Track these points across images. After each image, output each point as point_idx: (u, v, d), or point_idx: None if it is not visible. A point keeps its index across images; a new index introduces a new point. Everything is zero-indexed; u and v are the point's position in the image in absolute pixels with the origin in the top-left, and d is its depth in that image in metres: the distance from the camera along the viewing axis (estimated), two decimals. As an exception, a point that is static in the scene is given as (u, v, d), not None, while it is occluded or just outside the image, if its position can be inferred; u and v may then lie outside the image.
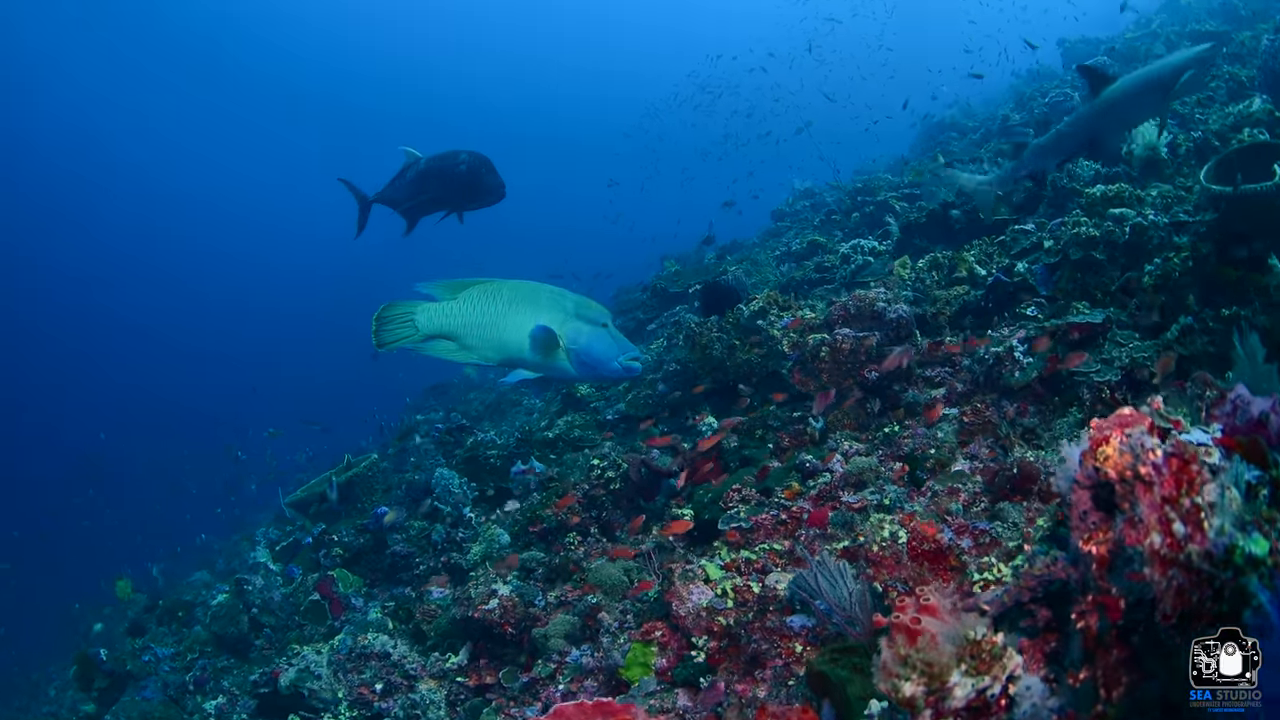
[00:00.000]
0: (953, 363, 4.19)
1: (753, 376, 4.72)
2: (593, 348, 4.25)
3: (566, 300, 4.35)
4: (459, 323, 4.27)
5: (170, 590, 11.50)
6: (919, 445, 3.65)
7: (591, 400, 6.28)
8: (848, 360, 4.07)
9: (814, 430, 4.03)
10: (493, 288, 4.30)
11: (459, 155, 5.15)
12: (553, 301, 4.31)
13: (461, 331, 4.28)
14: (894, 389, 4.06)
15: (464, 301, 4.28)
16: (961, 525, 2.99)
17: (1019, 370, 3.78)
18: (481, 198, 5.28)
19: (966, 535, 2.93)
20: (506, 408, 8.73)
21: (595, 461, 4.54)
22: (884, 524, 2.99)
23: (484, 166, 5.16)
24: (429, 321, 4.28)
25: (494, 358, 4.34)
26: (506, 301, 4.26)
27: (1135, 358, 3.57)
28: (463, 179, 5.14)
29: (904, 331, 4.12)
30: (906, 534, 2.91)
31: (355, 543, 5.86)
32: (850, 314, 4.21)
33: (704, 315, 5.45)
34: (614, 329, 4.38)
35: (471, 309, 4.27)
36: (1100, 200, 4.83)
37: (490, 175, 5.17)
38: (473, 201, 5.32)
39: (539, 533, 4.57)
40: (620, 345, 4.32)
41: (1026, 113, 9.16)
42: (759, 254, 8.36)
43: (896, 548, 2.86)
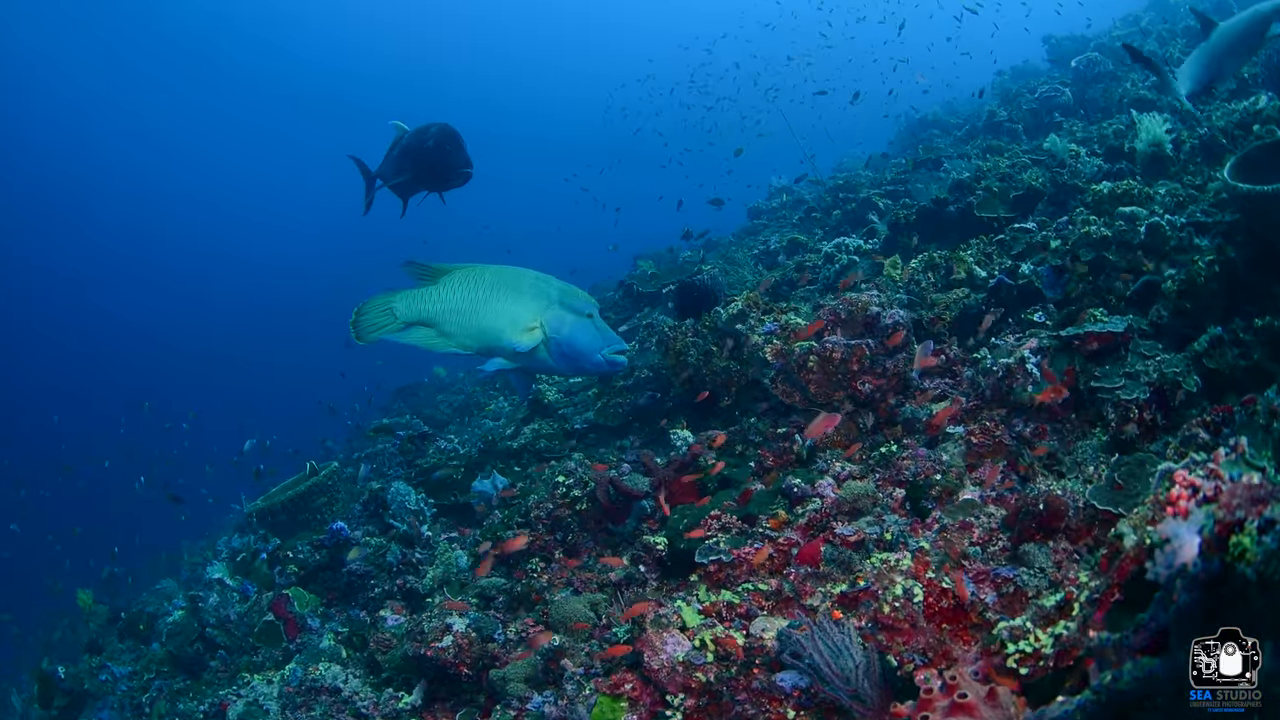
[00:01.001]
0: (954, 374, 3.74)
1: (731, 386, 4.26)
2: (575, 339, 4.02)
3: (550, 287, 4.12)
4: (438, 308, 4.07)
5: (136, 596, 11.00)
6: (921, 469, 3.19)
7: (560, 407, 5.80)
8: (838, 371, 3.60)
9: (801, 448, 3.56)
10: (474, 273, 4.11)
11: (429, 130, 4.56)
12: (536, 288, 4.09)
13: (440, 317, 4.08)
14: (889, 403, 3.60)
15: (444, 286, 4.09)
16: (981, 571, 2.54)
17: (1032, 384, 3.33)
18: (449, 178, 4.69)
19: (988, 585, 2.48)
20: (475, 410, 8.23)
21: (560, 479, 4.06)
22: (894, 577, 2.52)
23: (450, 142, 4.54)
24: (408, 309, 4.10)
25: (472, 345, 4.13)
26: (488, 287, 4.06)
27: (1165, 373, 3.14)
28: (430, 156, 4.58)
29: (900, 339, 3.66)
30: (922, 591, 2.44)
31: (311, 559, 5.37)
32: (841, 319, 3.75)
33: (679, 317, 4.99)
34: (599, 320, 4.14)
35: (451, 294, 4.07)
36: (1108, 198, 4.42)
37: (456, 152, 4.55)
38: (443, 181, 4.75)
39: (499, 556, 4.10)
40: (605, 337, 4.09)
41: (1013, 108, 8.74)
42: (736, 252, 7.89)
43: (912, 608, 2.39)
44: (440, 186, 4.75)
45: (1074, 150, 5.67)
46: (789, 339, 3.81)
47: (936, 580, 2.48)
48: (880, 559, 2.74)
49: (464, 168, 4.53)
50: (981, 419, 3.36)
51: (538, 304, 4.06)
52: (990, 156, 7.11)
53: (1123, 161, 5.35)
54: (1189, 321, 3.49)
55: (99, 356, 33.97)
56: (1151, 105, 6.49)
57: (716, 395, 4.31)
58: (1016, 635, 2.15)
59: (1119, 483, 2.72)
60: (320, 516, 6.42)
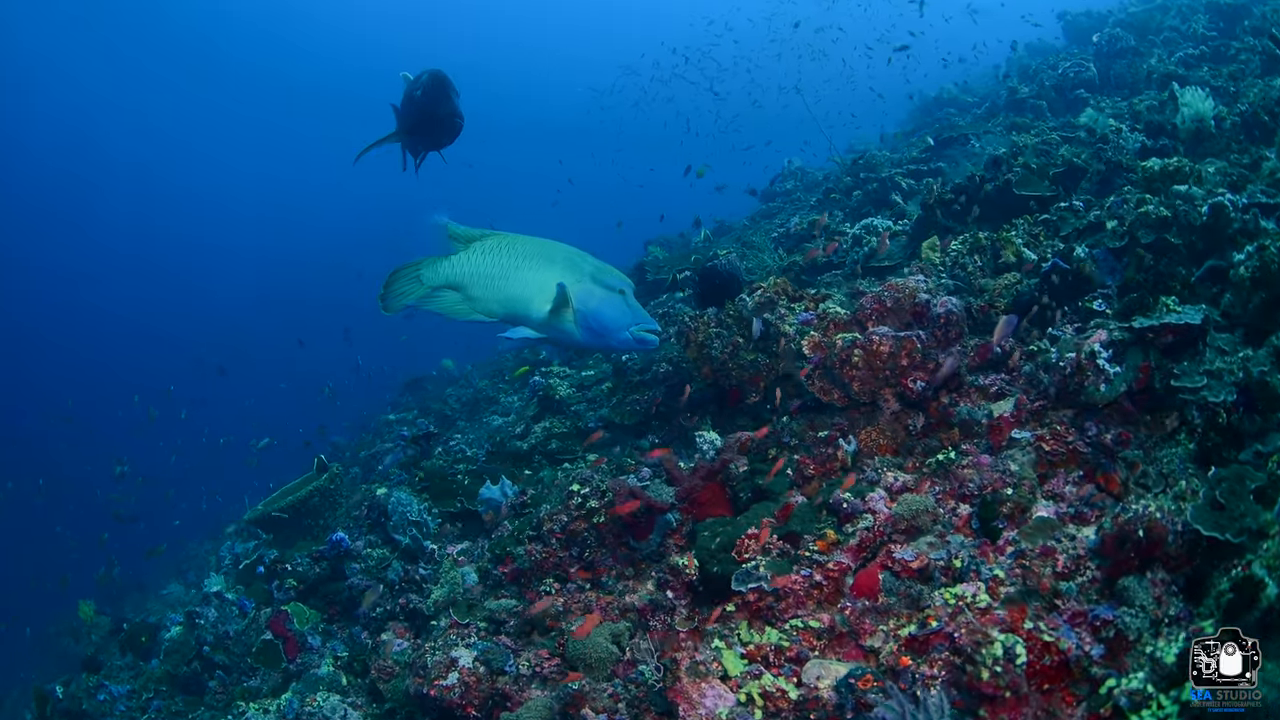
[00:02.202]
0: (1009, 368, 3.28)
1: (760, 381, 3.81)
2: (603, 312, 3.84)
3: (585, 262, 3.96)
4: (467, 272, 3.94)
5: (143, 601, 10.61)
6: (987, 481, 2.74)
7: (572, 403, 5.36)
8: (886, 366, 3.14)
9: (845, 454, 3.11)
10: (508, 240, 3.98)
11: (419, 79, 4.06)
12: (569, 261, 3.93)
13: (468, 282, 3.95)
14: (942, 401, 3.15)
15: (475, 252, 3.97)
16: (1077, 613, 2.10)
17: (1105, 382, 2.87)
18: (439, 132, 4.13)
19: (1085, 629, 2.04)
20: (484, 405, 7.79)
21: (575, 487, 3.61)
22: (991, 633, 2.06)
23: (437, 90, 3.99)
24: (435, 273, 3.98)
25: (498, 311, 3.99)
26: (520, 255, 3.94)
27: (1251, 371, 2.68)
28: (419, 108, 4.07)
29: (953, 330, 3.20)
30: (1024, 649, 1.99)
31: (311, 573, 4.97)
32: (886, 308, 3.28)
33: (699, 306, 4.54)
34: (632, 298, 3.94)
35: (482, 259, 3.95)
36: (1159, 175, 3.97)
37: (444, 102, 3.99)
38: (434, 136, 4.22)
39: (510, 574, 3.67)
40: (636, 314, 3.88)
41: (1035, 84, 8.25)
42: (752, 235, 7.41)
43: (1014, 673, 1.93)
44: (435, 142, 4.25)
45: (1114, 125, 5.20)
46: (828, 330, 3.35)
47: (1035, 633, 2.03)
48: (954, 595, 2.29)
49: (453, 117, 4.01)
50: (1049, 422, 2.90)
51: (569, 275, 3.86)
52: (1017, 134, 6.66)
53: (1164, 138, 4.90)
54: (1264, 312, 3.04)
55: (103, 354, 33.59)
56: (1183, 81, 6.06)
57: (743, 391, 3.87)
58: (1136, 702, 1.71)
59: (1219, 502, 2.27)
60: (322, 521, 6.04)
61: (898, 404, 3.20)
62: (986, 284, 3.61)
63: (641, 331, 3.86)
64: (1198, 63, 6.86)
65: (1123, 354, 2.98)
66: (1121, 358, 2.97)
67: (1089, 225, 3.94)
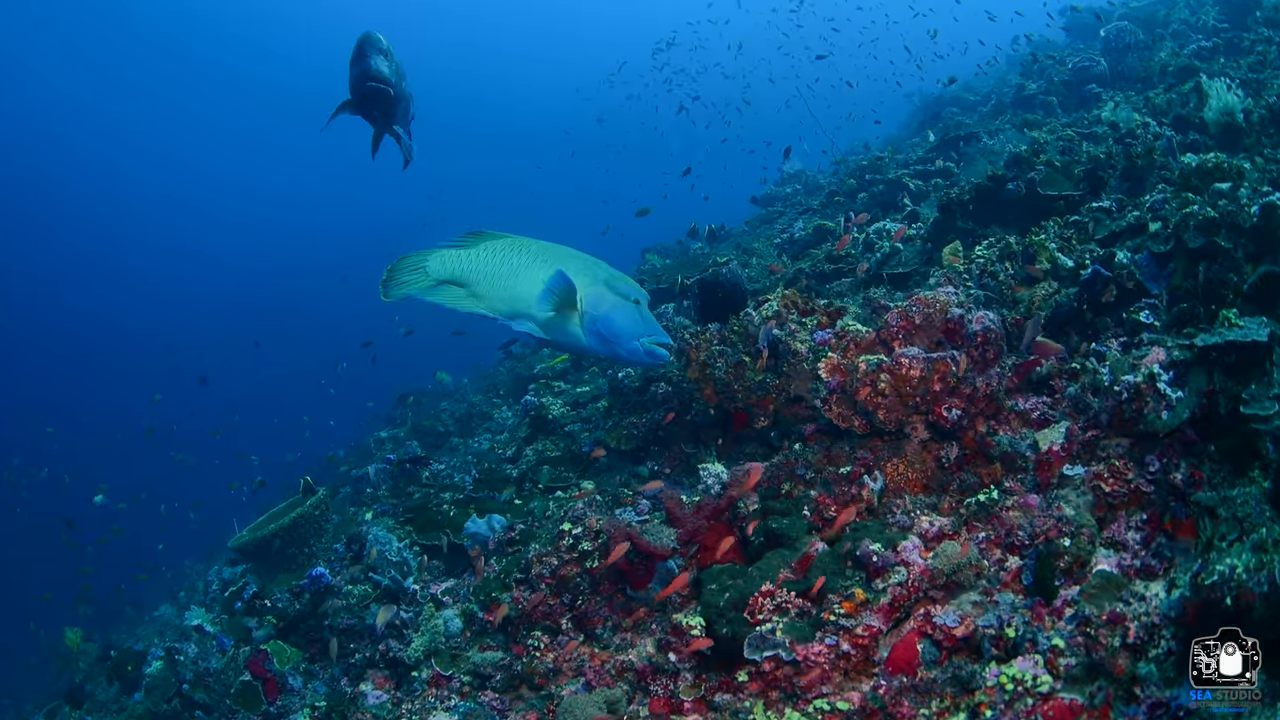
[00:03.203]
0: (1052, 390, 2.87)
1: (769, 404, 3.41)
2: (613, 318, 3.50)
3: (599, 269, 3.66)
4: (475, 269, 3.66)
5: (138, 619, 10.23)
6: (1038, 528, 2.32)
7: (566, 422, 4.95)
8: (916, 392, 2.73)
9: (871, 493, 2.69)
10: (521, 243, 3.71)
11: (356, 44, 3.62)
12: (583, 266, 3.63)
13: (475, 278, 3.66)
14: (979, 430, 2.74)
15: (485, 250, 3.68)
16: (1157, 703, 1.70)
17: (1166, 409, 2.47)
18: (358, 98, 3.65)
19: None
20: (477, 421, 7.39)
21: (566, 526, 3.20)
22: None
23: (355, 50, 3.54)
24: (441, 266, 3.69)
25: (503, 309, 3.68)
26: (532, 256, 3.64)
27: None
28: (350, 78, 3.61)
29: (990, 350, 2.78)
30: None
31: (291, 608, 4.57)
32: (914, 325, 2.86)
33: (700, 320, 4.13)
34: (645, 309, 3.58)
35: (491, 257, 3.67)
36: (1197, 172, 3.57)
37: (356, 63, 3.54)
38: (361, 105, 3.71)
39: (496, 622, 3.26)
40: (648, 325, 3.52)
41: (1044, 80, 7.85)
42: (752, 241, 6.98)
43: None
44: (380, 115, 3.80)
45: (1140, 120, 4.80)
46: (848, 351, 2.92)
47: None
48: (1010, 677, 1.89)
49: (363, 79, 3.54)
50: (1106, 455, 2.49)
51: (581, 278, 3.56)
52: (1029, 130, 6.26)
53: (1193, 132, 4.53)
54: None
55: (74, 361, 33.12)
56: (1197, 74, 5.69)
57: (751, 415, 3.46)
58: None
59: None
60: (308, 549, 5.64)
61: (927, 432, 2.80)
62: (1021, 295, 3.19)
63: (652, 344, 3.48)
64: (1211, 55, 6.50)
65: (1184, 376, 2.57)
66: (1183, 380, 2.56)
67: (1127, 228, 3.53)
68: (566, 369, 6.61)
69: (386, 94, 3.58)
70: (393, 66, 3.61)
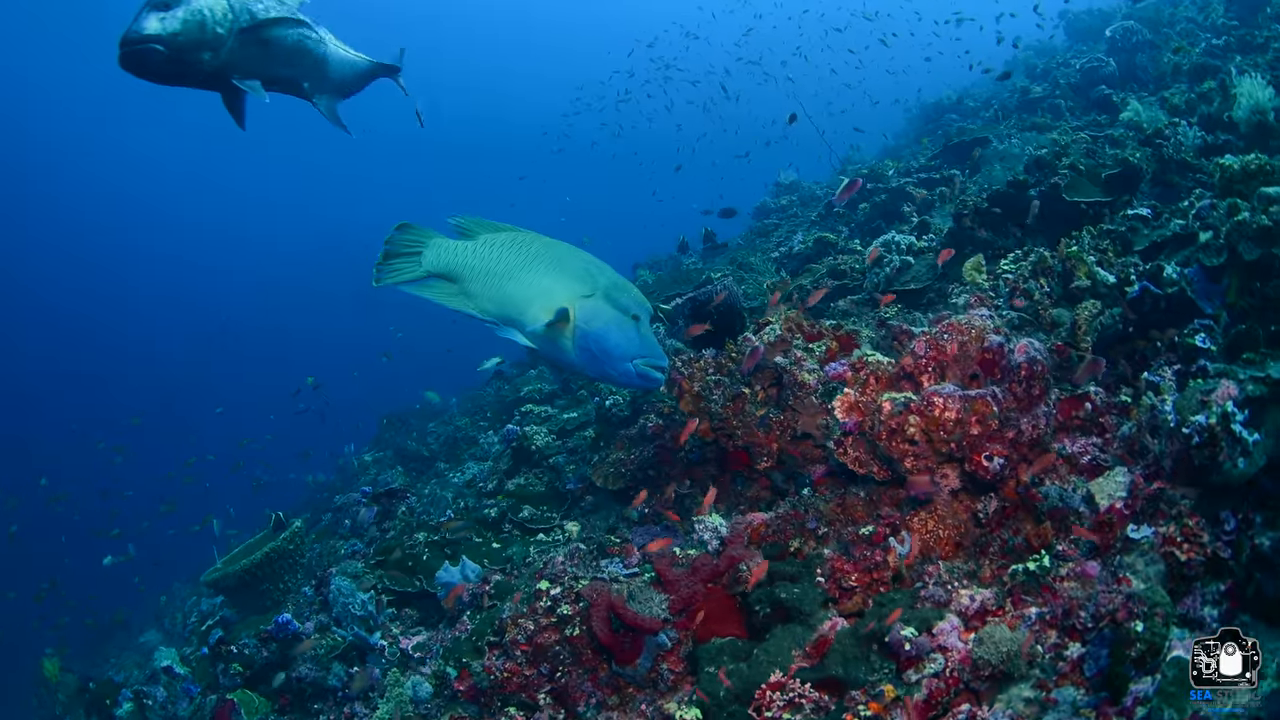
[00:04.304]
0: (1102, 429, 2.43)
1: (773, 442, 2.96)
2: (607, 336, 3.06)
3: (600, 276, 3.21)
4: (468, 265, 3.29)
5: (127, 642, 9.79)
6: (1103, 608, 1.88)
7: (550, 453, 4.50)
8: (952, 437, 2.28)
9: (897, 557, 2.25)
10: (522, 239, 3.33)
11: None
12: (583, 271, 3.20)
13: (467, 275, 3.29)
14: (1021, 480, 2.29)
15: (483, 244, 3.31)
16: None
17: (1242, 455, 2.02)
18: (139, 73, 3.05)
19: None
20: (463, 445, 6.94)
21: (543, 585, 2.75)
22: None
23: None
24: (435, 258, 3.35)
25: (493, 311, 3.28)
26: (530, 256, 3.25)
27: None
28: None
29: (1037, 385, 2.33)
30: None
31: (258, 656, 4.15)
32: (945, 355, 2.41)
33: (694, 345, 3.69)
34: (646, 326, 3.14)
35: (488, 253, 3.29)
36: (1240, 175, 3.13)
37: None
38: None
39: (467, 692, 2.82)
40: (645, 345, 3.07)
41: (1049, 84, 7.44)
42: (748, 256, 6.54)
43: None
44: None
45: (1167, 120, 4.37)
46: (868, 386, 2.47)
47: None
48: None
49: (119, 48, 2.93)
50: (1175, 512, 2.05)
51: (579, 286, 3.16)
52: (1040, 134, 5.85)
53: (1221, 132, 4.13)
54: None
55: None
56: (1216, 72, 5.31)
57: (752, 454, 3.02)
58: None
59: None
60: (282, 585, 5.23)
61: (959, 480, 2.35)
62: (1059, 315, 2.74)
63: (646, 366, 3.05)
64: (1224, 53, 6.09)
65: (1260, 415, 2.14)
66: (1259, 420, 2.12)
67: (1172, 237, 3.10)
68: (555, 392, 6.18)
69: (153, 55, 2.97)
70: (196, 18, 3.03)
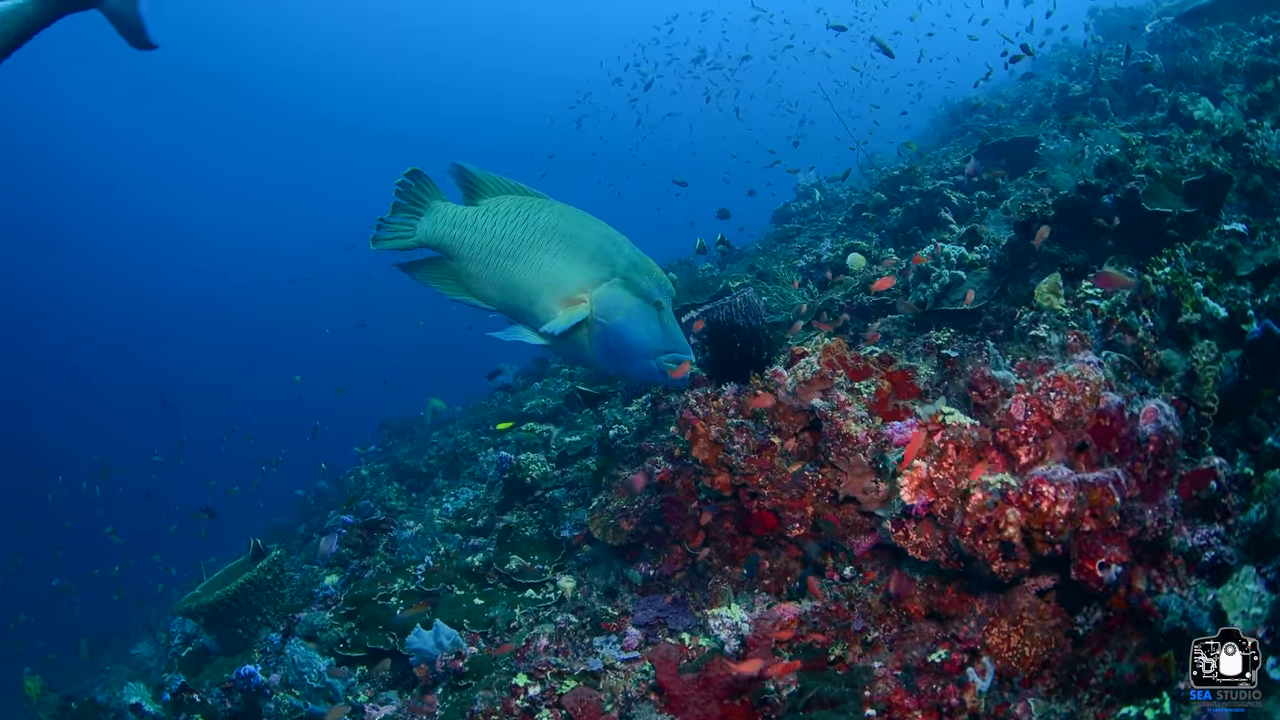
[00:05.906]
0: (1225, 513, 1.82)
1: (807, 505, 2.37)
2: (628, 331, 2.70)
3: (620, 253, 2.79)
4: (467, 238, 2.87)
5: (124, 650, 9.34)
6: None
7: (547, 485, 3.92)
8: (1060, 537, 1.66)
9: (977, 693, 1.65)
10: (531, 206, 2.84)
11: None
12: (600, 249, 2.78)
13: (466, 250, 2.87)
14: (1137, 588, 1.68)
15: (485, 213, 2.88)
16: None
17: None
18: None
19: None
20: (463, 462, 6.37)
21: (520, 680, 2.17)
22: None
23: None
24: (431, 226, 2.94)
25: (495, 298, 2.91)
26: (539, 230, 2.78)
27: None
28: None
29: (1165, 464, 1.71)
30: None
31: (221, 708, 3.63)
32: (1049, 420, 1.77)
33: (712, 375, 3.10)
34: (668, 312, 2.78)
35: (490, 223, 2.85)
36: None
37: None
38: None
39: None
40: (669, 337, 2.74)
41: (1090, 82, 6.81)
42: (770, 264, 5.94)
43: None
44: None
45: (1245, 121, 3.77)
46: (946, 459, 1.83)
47: None
48: None
49: None
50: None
51: (595, 270, 2.75)
52: (1085, 134, 5.25)
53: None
54: None
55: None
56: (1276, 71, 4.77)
57: (781, 518, 2.43)
58: None
59: None
60: (259, 617, 4.73)
61: (1051, 579, 1.75)
62: (1169, 359, 2.12)
63: (669, 361, 2.71)
64: (1274, 52, 5.52)
65: None
66: None
67: None
68: (559, 408, 5.61)
69: None
70: None
